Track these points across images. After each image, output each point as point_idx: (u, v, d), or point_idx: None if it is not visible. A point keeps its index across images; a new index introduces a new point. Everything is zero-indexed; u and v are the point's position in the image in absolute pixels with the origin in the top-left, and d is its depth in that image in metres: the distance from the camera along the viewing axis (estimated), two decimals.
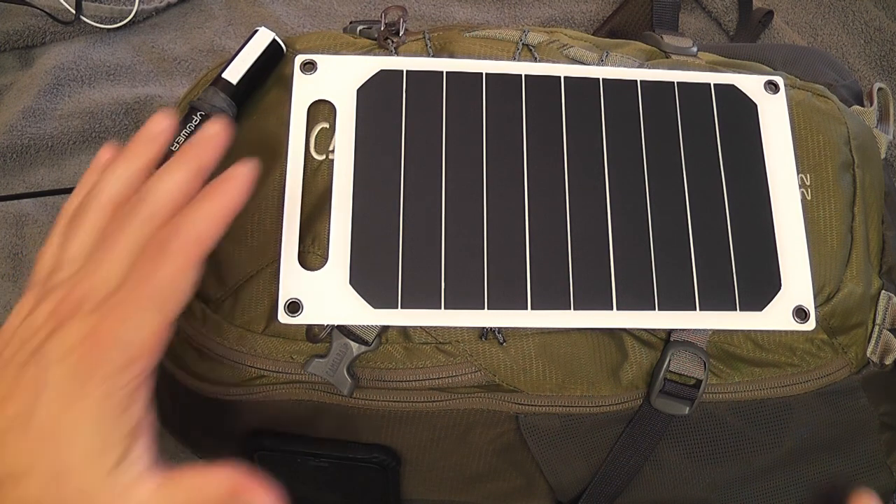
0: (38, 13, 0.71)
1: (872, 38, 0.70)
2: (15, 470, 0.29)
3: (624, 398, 0.41)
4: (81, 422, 0.29)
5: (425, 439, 0.43)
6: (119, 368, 0.29)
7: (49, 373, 0.29)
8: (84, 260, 0.32)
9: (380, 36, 0.44)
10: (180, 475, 0.31)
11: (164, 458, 0.59)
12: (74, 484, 0.29)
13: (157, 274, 0.30)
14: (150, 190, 0.32)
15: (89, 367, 0.29)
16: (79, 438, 0.29)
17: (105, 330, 0.29)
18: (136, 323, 0.30)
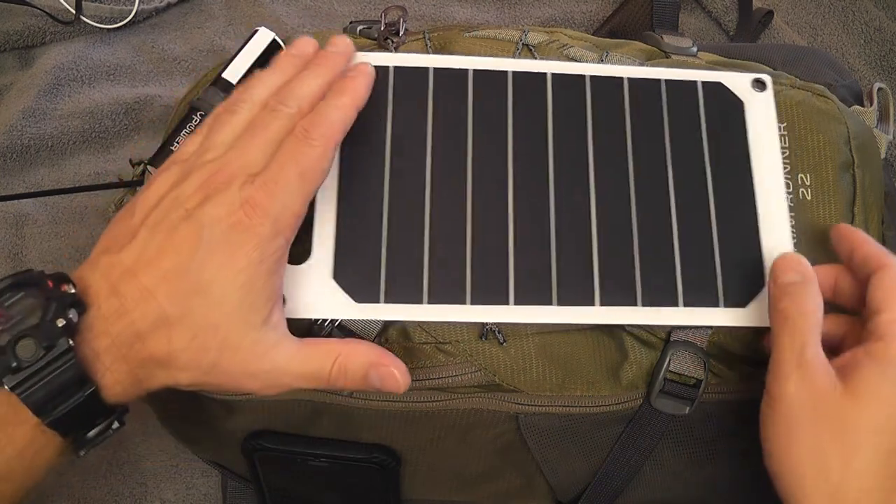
0: (38, 13, 0.71)
1: (872, 38, 0.70)
2: (167, 318, 0.32)
3: (624, 398, 0.41)
4: (234, 281, 0.32)
5: (425, 439, 0.43)
6: (270, 237, 0.33)
7: (204, 234, 0.32)
8: (231, 145, 0.35)
9: (380, 36, 0.44)
10: (320, 342, 0.36)
11: (163, 458, 0.59)
12: (221, 337, 0.33)
13: (302, 157, 0.34)
14: (293, 90, 0.36)
15: (244, 234, 0.32)
16: (231, 296, 0.32)
17: (258, 201, 0.33)
18: (285, 198, 0.33)
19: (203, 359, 0.33)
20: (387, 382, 0.36)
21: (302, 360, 0.35)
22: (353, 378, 0.35)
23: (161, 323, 0.32)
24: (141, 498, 0.56)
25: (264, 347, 0.34)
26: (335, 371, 0.35)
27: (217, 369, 0.33)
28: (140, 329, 0.32)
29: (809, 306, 0.36)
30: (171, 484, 0.57)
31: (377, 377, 0.35)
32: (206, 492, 0.57)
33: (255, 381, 0.34)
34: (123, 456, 0.58)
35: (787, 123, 0.43)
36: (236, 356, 0.33)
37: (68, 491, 0.56)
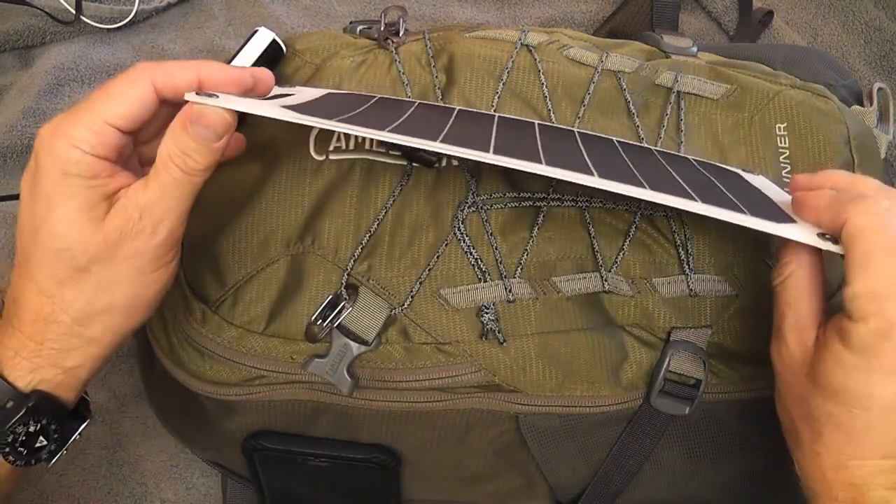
0: (38, 13, 0.71)
1: (872, 38, 0.70)
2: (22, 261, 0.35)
3: (624, 398, 0.41)
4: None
5: (425, 439, 0.43)
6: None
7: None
8: None
9: (380, 36, 0.44)
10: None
11: (163, 458, 0.59)
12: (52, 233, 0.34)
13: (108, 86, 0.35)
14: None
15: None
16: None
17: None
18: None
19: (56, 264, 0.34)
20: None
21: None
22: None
23: (21, 271, 0.35)
24: (141, 498, 0.56)
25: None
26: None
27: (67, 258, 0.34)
28: (16, 294, 0.35)
29: (788, 268, 0.36)
30: (171, 484, 0.57)
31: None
32: (206, 492, 0.57)
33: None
34: (123, 456, 0.58)
35: (787, 123, 0.43)
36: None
37: (68, 491, 0.56)
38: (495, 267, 0.40)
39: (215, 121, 0.33)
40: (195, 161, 0.34)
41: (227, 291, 0.40)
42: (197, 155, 0.34)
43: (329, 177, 0.41)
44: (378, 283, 0.40)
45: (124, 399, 0.59)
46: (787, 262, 0.36)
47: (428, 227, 0.40)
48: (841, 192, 0.35)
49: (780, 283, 0.36)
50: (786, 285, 0.36)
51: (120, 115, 0.34)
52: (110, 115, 0.34)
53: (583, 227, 0.41)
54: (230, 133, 0.34)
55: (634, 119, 0.42)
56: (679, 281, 0.41)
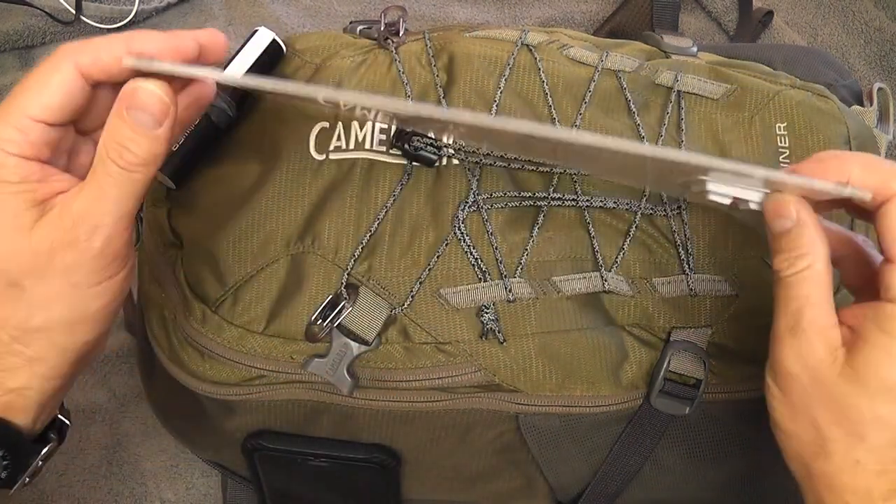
0: (38, 13, 0.71)
1: (872, 38, 0.70)
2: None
3: (624, 398, 0.41)
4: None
5: (425, 439, 0.43)
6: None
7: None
8: None
9: (380, 36, 0.44)
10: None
11: (163, 458, 0.59)
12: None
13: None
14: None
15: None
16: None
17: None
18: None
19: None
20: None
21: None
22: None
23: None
24: (141, 498, 0.56)
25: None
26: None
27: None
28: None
29: (804, 260, 0.32)
30: (171, 484, 0.57)
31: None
32: (206, 492, 0.57)
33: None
34: (123, 456, 0.58)
35: (787, 123, 0.43)
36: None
37: (68, 491, 0.56)
38: (495, 267, 0.40)
39: (151, 102, 0.29)
40: (133, 154, 0.30)
41: (227, 291, 0.40)
42: (135, 146, 0.30)
43: (329, 176, 0.41)
44: (378, 283, 0.40)
45: (124, 399, 0.59)
46: (805, 253, 0.32)
47: (428, 226, 0.40)
48: (876, 161, 0.31)
49: (793, 274, 0.32)
50: (804, 276, 0.32)
51: (43, 107, 0.30)
52: (32, 108, 0.30)
53: (583, 227, 0.41)
54: (171, 118, 0.30)
55: (635, 118, 0.42)
56: (679, 281, 0.41)
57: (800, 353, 0.32)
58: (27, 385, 0.32)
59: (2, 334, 0.31)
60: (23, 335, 0.31)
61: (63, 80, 0.31)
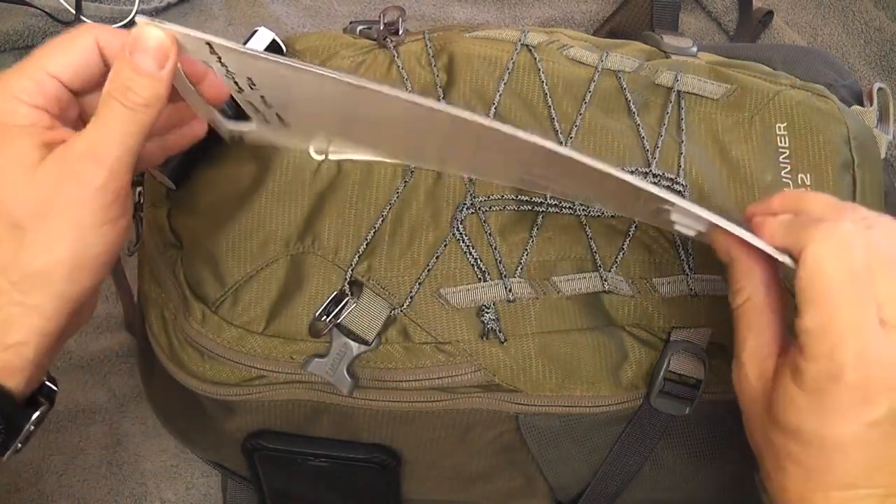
0: (38, 13, 0.71)
1: (872, 38, 0.70)
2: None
3: (624, 398, 0.41)
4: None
5: (425, 439, 0.43)
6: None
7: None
8: None
9: (379, 36, 0.44)
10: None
11: (163, 458, 0.59)
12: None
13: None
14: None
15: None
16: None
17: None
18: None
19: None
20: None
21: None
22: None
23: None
24: (141, 498, 0.56)
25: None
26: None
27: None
28: None
29: (742, 294, 0.33)
30: (171, 484, 0.57)
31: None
32: (206, 492, 0.57)
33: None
34: (123, 456, 0.58)
35: (787, 123, 0.43)
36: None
37: (68, 491, 0.56)
38: (495, 267, 0.40)
39: (152, 44, 0.31)
40: (136, 94, 0.31)
41: (226, 291, 0.40)
42: (138, 86, 0.31)
43: (329, 177, 0.41)
44: (378, 283, 0.40)
45: (124, 399, 0.59)
46: (743, 286, 0.33)
47: (427, 226, 0.40)
48: (799, 216, 0.32)
49: (737, 306, 0.34)
50: (744, 309, 0.33)
51: (61, 65, 0.32)
52: (51, 65, 0.32)
53: (582, 228, 0.41)
54: (171, 62, 0.31)
55: (635, 118, 0.42)
56: (679, 281, 0.41)
57: (739, 381, 0.34)
58: (25, 340, 0.32)
59: (3, 281, 0.31)
60: (22, 280, 0.32)
61: (83, 46, 0.33)
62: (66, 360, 0.60)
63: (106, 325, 0.62)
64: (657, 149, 0.42)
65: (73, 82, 0.33)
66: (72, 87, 0.33)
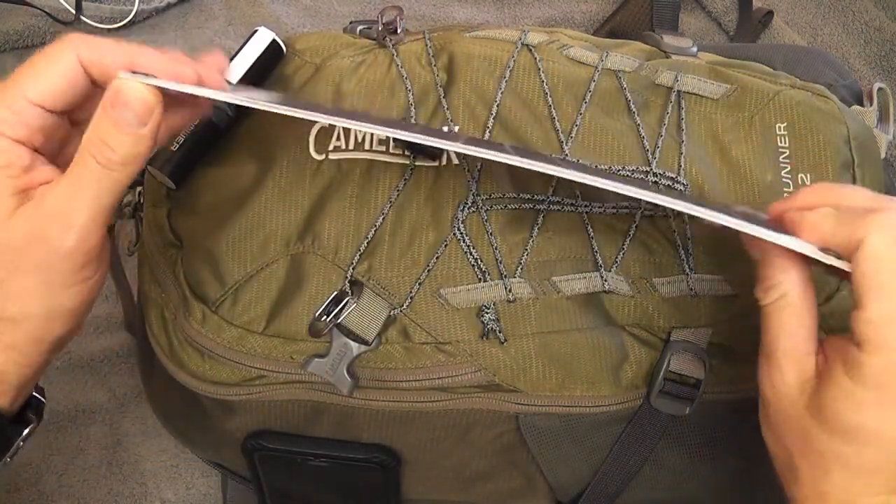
0: (38, 13, 0.71)
1: (872, 38, 0.70)
2: None
3: (624, 398, 0.41)
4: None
5: (425, 439, 0.43)
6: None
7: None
8: None
9: (379, 36, 0.44)
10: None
11: (163, 458, 0.59)
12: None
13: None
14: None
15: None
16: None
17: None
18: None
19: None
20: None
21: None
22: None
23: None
24: (141, 498, 0.56)
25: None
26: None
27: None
28: None
29: (777, 290, 0.32)
30: (171, 484, 0.57)
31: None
32: (206, 492, 0.57)
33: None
34: (123, 456, 0.58)
35: (788, 123, 0.43)
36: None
37: (68, 491, 0.56)
38: (495, 267, 0.40)
39: (135, 99, 0.29)
40: (112, 150, 0.29)
41: (226, 291, 0.40)
42: (116, 143, 0.29)
43: (329, 176, 0.41)
44: (378, 283, 0.40)
45: (124, 399, 0.59)
46: (779, 282, 0.32)
47: (428, 226, 0.40)
48: (846, 210, 0.31)
49: (769, 304, 0.33)
50: (778, 307, 0.32)
51: (42, 92, 0.30)
52: (31, 91, 0.30)
53: (582, 228, 0.41)
54: (155, 119, 0.30)
55: (635, 118, 0.42)
56: (679, 281, 0.41)
57: (773, 380, 0.32)
58: (3, 369, 0.32)
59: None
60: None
61: (64, 68, 0.30)
62: (66, 360, 0.60)
63: (106, 325, 0.62)
64: (657, 149, 0.42)
65: (56, 106, 0.31)
66: (56, 110, 0.31)
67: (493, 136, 0.42)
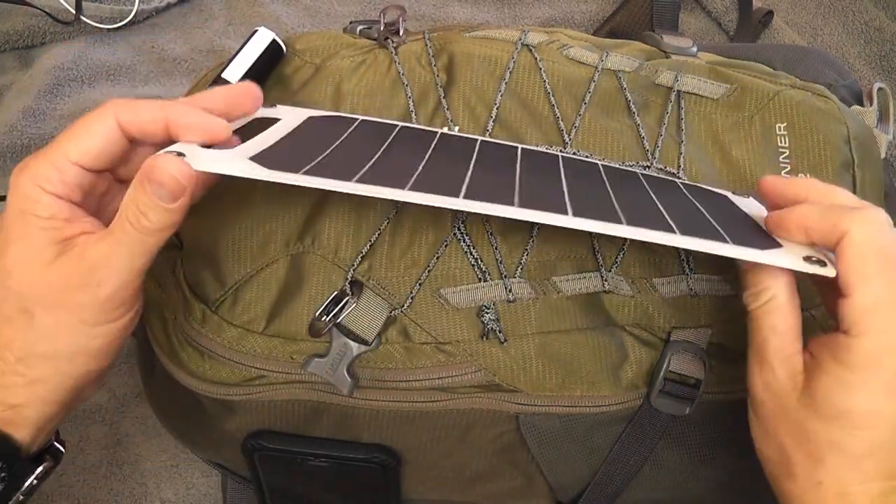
0: (38, 13, 0.71)
1: (872, 38, 0.70)
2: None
3: (624, 398, 0.41)
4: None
5: (425, 439, 0.43)
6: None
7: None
8: None
9: (379, 36, 0.44)
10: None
11: (163, 458, 0.59)
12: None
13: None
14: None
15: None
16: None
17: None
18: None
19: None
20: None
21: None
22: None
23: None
24: (141, 498, 0.56)
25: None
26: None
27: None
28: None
29: (766, 294, 0.34)
30: (171, 484, 0.57)
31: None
32: (206, 492, 0.57)
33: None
34: (123, 456, 0.58)
35: (787, 123, 0.43)
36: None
37: (68, 491, 0.56)
38: (495, 267, 0.40)
39: (168, 180, 0.31)
40: (149, 220, 0.32)
41: (226, 291, 0.40)
42: (151, 213, 0.32)
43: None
44: (378, 283, 0.40)
45: (124, 399, 0.59)
46: (766, 287, 0.34)
47: (428, 226, 0.40)
48: (831, 205, 0.34)
49: (758, 307, 0.35)
50: (767, 310, 0.34)
51: (83, 152, 0.33)
52: (73, 151, 0.33)
53: None
54: (186, 197, 0.32)
55: (635, 118, 0.42)
56: (679, 281, 0.41)
57: (766, 380, 0.34)
58: (25, 403, 0.34)
59: (7, 354, 0.33)
60: (27, 357, 0.33)
61: (103, 129, 0.34)
62: None
63: None
64: (657, 148, 0.42)
65: (95, 165, 0.34)
66: (95, 169, 0.34)
67: (493, 135, 0.42)
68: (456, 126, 0.41)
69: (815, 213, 0.33)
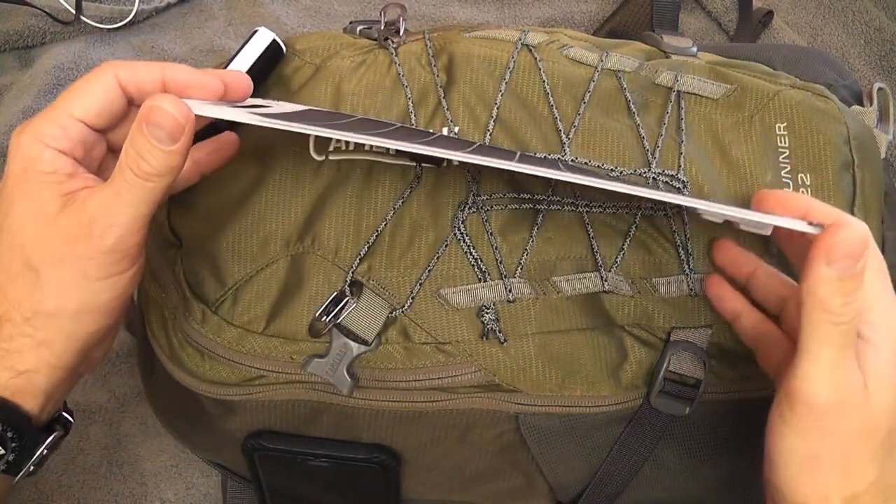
0: (38, 13, 0.71)
1: (872, 38, 0.70)
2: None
3: (624, 398, 0.41)
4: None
5: (425, 439, 0.43)
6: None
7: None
8: None
9: (380, 36, 0.44)
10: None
11: (163, 458, 0.59)
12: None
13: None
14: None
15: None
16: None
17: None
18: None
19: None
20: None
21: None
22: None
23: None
24: (141, 498, 0.56)
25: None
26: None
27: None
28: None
29: (856, 298, 0.32)
30: (171, 484, 0.57)
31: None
32: (206, 492, 0.57)
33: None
34: (123, 456, 0.57)
35: (787, 123, 0.43)
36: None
37: (68, 491, 0.56)
38: (495, 267, 0.40)
39: (166, 120, 0.32)
40: (148, 164, 0.32)
41: (226, 291, 0.40)
42: (151, 157, 0.32)
43: (329, 177, 0.41)
44: (378, 283, 0.40)
45: (124, 399, 0.59)
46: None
47: (428, 227, 0.40)
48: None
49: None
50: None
51: (85, 108, 0.34)
52: (76, 108, 0.34)
53: (582, 228, 0.41)
54: (186, 136, 0.32)
55: (635, 118, 0.42)
56: (679, 281, 0.41)
57: (833, 385, 0.33)
58: (34, 369, 0.34)
59: (15, 314, 0.34)
60: (34, 317, 0.34)
61: (103, 87, 0.34)
62: None
63: None
64: (657, 149, 0.42)
65: (97, 123, 0.35)
66: (96, 127, 0.35)
67: (493, 136, 0.42)
68: (456, 126, 0.41)
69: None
